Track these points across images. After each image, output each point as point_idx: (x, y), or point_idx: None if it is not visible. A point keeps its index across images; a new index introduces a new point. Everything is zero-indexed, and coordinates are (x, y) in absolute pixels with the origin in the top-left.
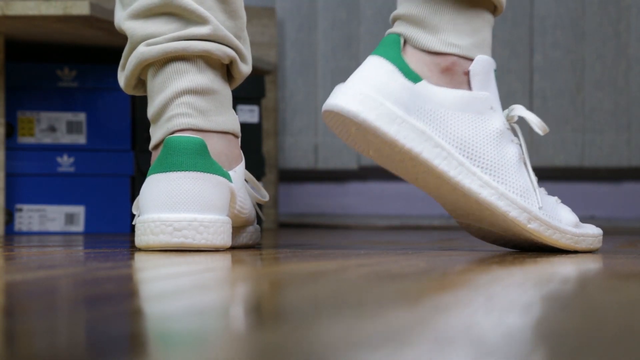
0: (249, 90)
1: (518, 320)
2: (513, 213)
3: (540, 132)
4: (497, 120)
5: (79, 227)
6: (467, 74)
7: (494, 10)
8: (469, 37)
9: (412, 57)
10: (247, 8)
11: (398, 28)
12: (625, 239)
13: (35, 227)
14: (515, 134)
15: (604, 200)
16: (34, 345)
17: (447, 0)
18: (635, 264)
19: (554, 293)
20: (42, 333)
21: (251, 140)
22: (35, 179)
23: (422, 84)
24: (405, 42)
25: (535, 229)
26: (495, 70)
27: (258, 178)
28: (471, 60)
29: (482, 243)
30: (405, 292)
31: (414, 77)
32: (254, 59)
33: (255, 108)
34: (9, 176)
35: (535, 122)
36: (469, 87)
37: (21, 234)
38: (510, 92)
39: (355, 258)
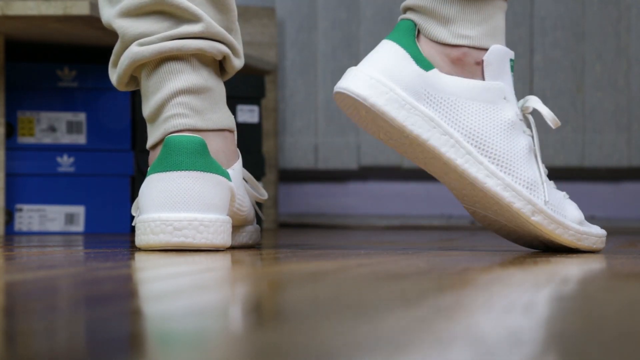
0: (249, 90)
1: (518, 321)
2: (517, 204)
3: (552, 126)
4: (509, 110)
5: (79, 227)
6: (479, 63)
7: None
8: (480, 26)
9: (424, 46)
10: (247, 8)
11: (410, 16)
12: (625, 239)
13: (35, 227)
14: (529, 126)
15: (604, 200)
16: (34, 345)
17: None
18: (635, 264)
19: (554, 293)
20: (42, 333)
21: (251, 140)
22: (35, 179)
23: (434, 72)
24: (418, 30)
25: (539, 222)
26: (512, 60)
27: (258, 178)
28: (483, 50)
29: (482, 243)
30: (405, 292)
31: (426, 65)
32: (254, 59)
33: (255, 108)
34: (9, 176)
35: (548, 116)
36: (482, 77)
37: (21, 234)
38: None
39: (355, 258)
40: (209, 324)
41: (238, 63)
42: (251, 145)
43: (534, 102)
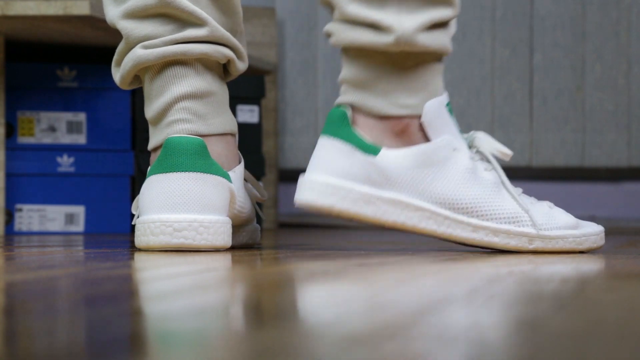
0: (249, 90)
1: (518, 321)
2: (512, 243)
3: (505, 159)
4: (463, 158)
5: (79, 227)
6: (422, 128)
7: (440, 57)
8: (419, 93)
9: (364, 128)
10: (247, 8)
11: (345, 97)
12: (625, 239)
13: (35, 227)
14: (486, 159)
15: (604, 200)
16: (34, 345)
17: (390, 64)
18: (635, 264)
19: (554, 293)
20: (42, 333)
21: (251, 140)
22: (35, 179)
23: (382, 153)
24: (353, 109)
25: (539, 247)
26: (448, 104)
27: (258, 178)
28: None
29: None
30: (405, 292)
31: (372, 150)
32: (254, 59)
33: (255, 108)
34: (9, 176)
35: (497, 153)
36: (427, 139)
37: (21, 234)
38: (510, 92)
39: (355, 258)
40: (209, 324)
41: (242, 66)
42: (251, 145)
43: (481, 141)
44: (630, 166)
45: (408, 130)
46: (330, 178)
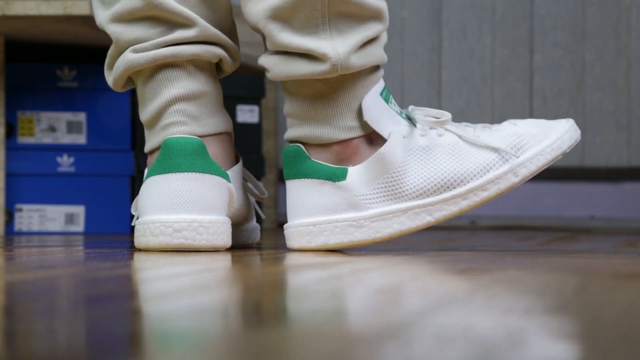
0: (249, 90)
1: (518, 321)
2: (502, 186)
3: (449, 118)
4: (416, 140)
5: (79, 227)
6: (369, 142)
7: (377, 68)
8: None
9: (321, 157)
10: None
11: (293, 131)
12: (625, 239)
13: (35, 227)
14: (435, 125)
15: (604, 200)
16: (34, 345)
17: (328, 89)
18: (635, 264)
19: (554, 293)
20: (42, 333)
21: (251, 140)
22: (35, 179)
23: (349, 174)
24: (305, 142)
25: (526, 173)
26: (383, 91)
27: (258, 178)
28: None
29: (482, 243)
30: (405, 292)
31: (339, 174)
32: (254, 59)
33: (255, 108)
34: (9, 176)
35: (433, 118)
36: (378, 137)
37: (21, 234)
38: (510, 92)
39: (355, 258)
40: (209, 324)
41: (235, 63)
42: (251, 145)
43: (418, 116)
44: (630, 166)
45: (359, 151)
46: (312, 218)
